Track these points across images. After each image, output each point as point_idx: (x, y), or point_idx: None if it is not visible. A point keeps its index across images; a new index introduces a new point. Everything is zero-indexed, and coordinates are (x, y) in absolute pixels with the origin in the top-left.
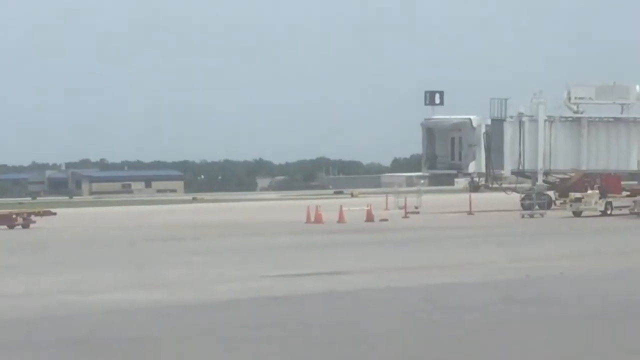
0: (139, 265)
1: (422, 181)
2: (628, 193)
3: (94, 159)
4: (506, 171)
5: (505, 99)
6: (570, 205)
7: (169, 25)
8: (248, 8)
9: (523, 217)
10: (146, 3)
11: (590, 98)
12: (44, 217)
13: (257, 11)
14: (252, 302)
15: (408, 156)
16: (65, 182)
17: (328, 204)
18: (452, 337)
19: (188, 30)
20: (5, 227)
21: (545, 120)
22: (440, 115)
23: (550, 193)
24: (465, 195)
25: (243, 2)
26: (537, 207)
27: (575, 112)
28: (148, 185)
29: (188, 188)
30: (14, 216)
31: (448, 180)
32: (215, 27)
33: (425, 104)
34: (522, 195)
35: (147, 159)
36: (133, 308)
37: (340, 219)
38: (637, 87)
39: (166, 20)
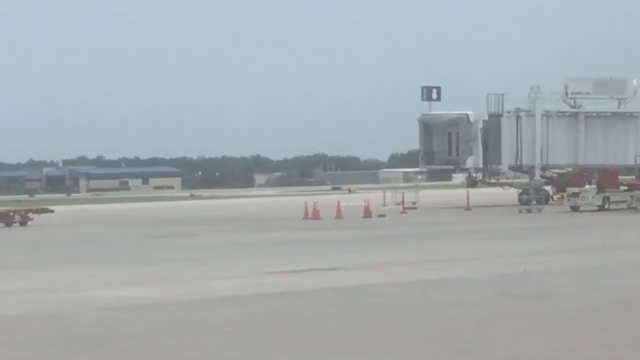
0: (137, 261)
1: (419, 177)
2: (625, 187)
3: (91, 156)
4: (503, 166)
5: (502, 94)
6: (568, 200)
7: (165, 21)
8: (246, 5)
9: (520, 212)
10: (146, 4)
11: (587, 92)
12: (42, 215)
13: (254, 8)
14: (251, 298)
15: (405, 152)
16: (63, 180)
17: (325, 200)
18: (450, 332)
19: (185, 26)
20: (2, 224)
21: (542, 115)
22: (438, 110)
23: (548, 188)
24: (463, 191)
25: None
26: (534, 202)
27: (573, 107)
28: (145, 182)
29: (185, 184)
30: (11, 214)
31: (446, 175)
32: (212, 23)
33: (423, 100)
34: (520, 191)
35: (144, 155)
36: (131, 304)
37: (338, 215)
38: (634, 81)
39: (162, 17)
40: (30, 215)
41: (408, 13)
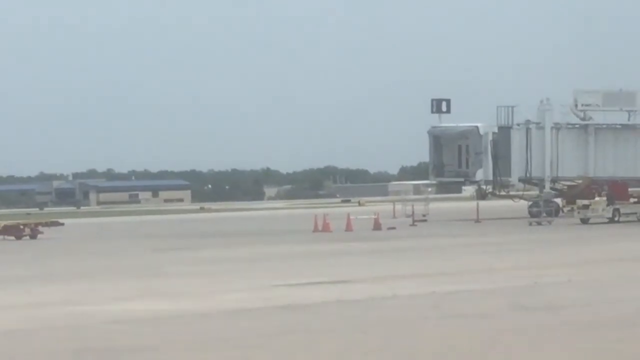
0: (146, 275)
1: (429, 189)
2: (635, 200)
3: (101, 169)
4: (513, 178)
5: (512, 107)
6: (578, 213)
7: (174, 34)
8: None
9: (531, 224)
10: (155, 11)
11: (597, 105)
12: (52, 228)
13: (261, 23)
14: (261, 311)
15: (415, 164)
16: (73, 193)
17: (335, 213)
18: (461, 345)
19: (193, 37)
20: (13, 238)
21: (552, 128)
22: (447, 123)
23: (558, 200)
24: (473, 203)
25: (247, 6)
26: (544, 214)
27: (582, 119)
28: (155, 195)
29: (195, 197)
30: (21, 227)
31: (455, 188)
32: (221, 33)
33: (432, 112)
34: (530, 203)
35: (154, 168)
36: (140, 318)
37: (348, 228)
38: None
39: (171, 29)
40: (40, 228)
41: (419, 28)
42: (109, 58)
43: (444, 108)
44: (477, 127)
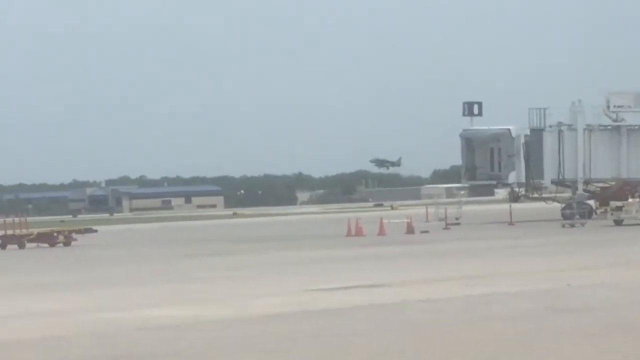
0: (179, 281)
1: (462, 192)
2: None
3: (133, 175)
4: (546, 181)
5: (544, 109)
6: (611, 214)
7: (203, 40)
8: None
9: (564, 226)
10: (178, 20)
11: (629, 106)
12: (85, 235)
13: (289, 30)
14: (295, 316)
15: (447, 167)
16: (106, 200)
17: (368, 217)
18: (495, 347)
19: (220, 43)
20: (46, 245)
21: (584, 129)
22: (479, 125)
23: (591, 202)
24: (506, 206)
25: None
26: (577, 216)
27: (614, 121)
28: (188, 200)
29: (228, 203)
30: (55, 234)
31: (488, 190)
32: (249, 39)
33: (464, 115)
34: (563, 205)
35: (186, 174)
36: (172, 324)
37: (381, 232)
38: None
39: (197, 36)
40: (74, 235)
41: (447, 30)
42: (140, 65)
43: (475, 111)
44: (509, 129)
